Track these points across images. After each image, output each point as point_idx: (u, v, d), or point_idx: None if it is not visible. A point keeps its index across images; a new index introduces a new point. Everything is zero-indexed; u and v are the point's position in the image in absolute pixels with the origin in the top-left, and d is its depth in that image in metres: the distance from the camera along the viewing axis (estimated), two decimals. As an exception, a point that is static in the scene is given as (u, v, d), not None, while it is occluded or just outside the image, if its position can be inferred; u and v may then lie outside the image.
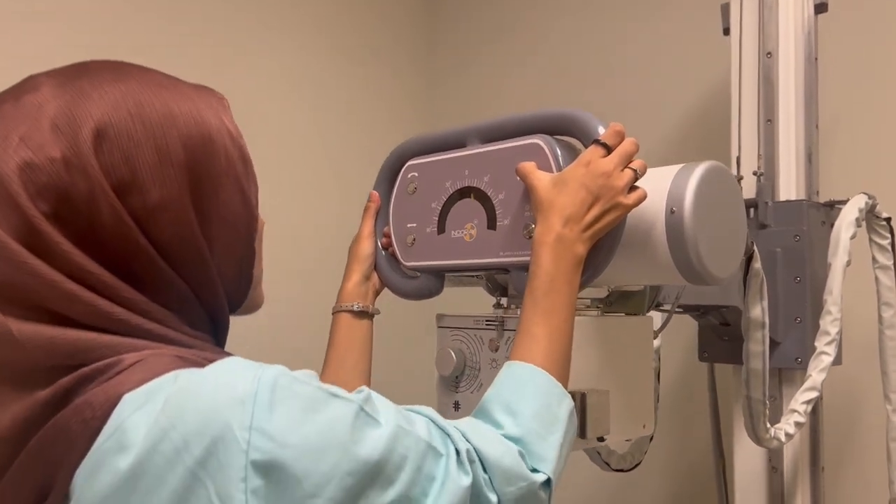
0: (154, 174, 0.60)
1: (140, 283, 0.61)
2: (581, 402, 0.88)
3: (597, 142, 0.82)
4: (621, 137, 0.82)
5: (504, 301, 1.00)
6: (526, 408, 0.71)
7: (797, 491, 1.26)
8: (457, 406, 0.96)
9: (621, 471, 1.21)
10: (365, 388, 0.61)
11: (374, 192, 1.04)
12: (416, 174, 0.98)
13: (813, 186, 1.32)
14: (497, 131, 0.92)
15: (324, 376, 0.98)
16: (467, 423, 0.69)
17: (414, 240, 0.97)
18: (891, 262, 1.28)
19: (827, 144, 1.42)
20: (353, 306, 0.99)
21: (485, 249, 0.90)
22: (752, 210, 1.32)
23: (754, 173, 1.32)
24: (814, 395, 1.15)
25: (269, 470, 0.53)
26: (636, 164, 0.83)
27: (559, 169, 0.85)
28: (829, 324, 1.15)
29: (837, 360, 1.27)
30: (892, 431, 1.26)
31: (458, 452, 0.64)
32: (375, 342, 1.01)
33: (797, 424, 1.13)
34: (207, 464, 0.53)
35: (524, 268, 0.86)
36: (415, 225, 0.97)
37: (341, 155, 1.03)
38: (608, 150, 0.82)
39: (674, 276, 0.86)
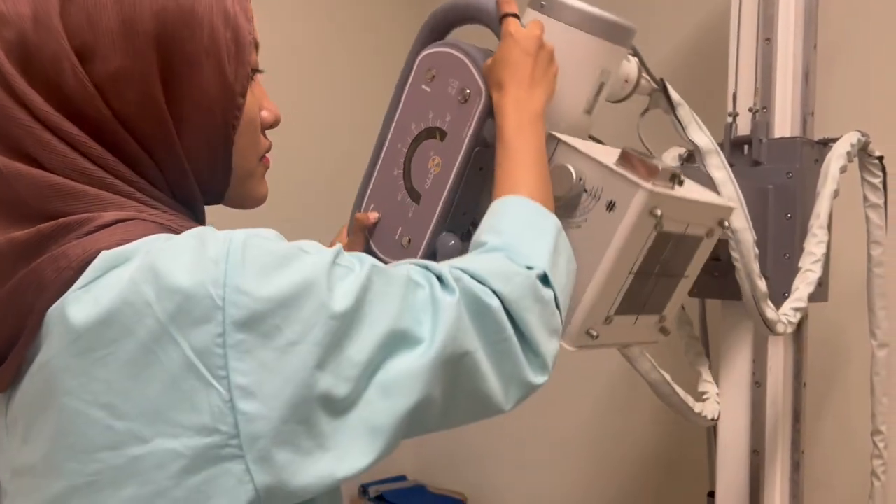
0: (116, 41, 0.58)
1: (112, 151, 0.60)
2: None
3: (507, 15, 0.85)
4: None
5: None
6: (508, 225, 0.73)
7: (778, 407, 1.27)
8: None
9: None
10: (338, 244, 0.62)
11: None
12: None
13: (808, 107, 1.32)
14: (415, 54, 0.94)
15: None
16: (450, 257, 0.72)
17: (409, 240, 0.92)
18: (881, 201, 1.28)
19: (823, 79, 1.41)
20: None
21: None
22: (746, 147, 1.32)
23: (750, 109, 1.32)
24: (801, 304, 1.15)
25: (248, 324, 0.54)
26: None
27: (481, 74, 0.86)
28: (815, 245, 1.15)
29: (823, 297, 1.28)
30: (876, 366, 1.27)
31: (440, 278, 0.65)
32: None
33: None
34: (178, 319, 0.53)
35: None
36: (400, 227, 0.93)
37: (356, 78, 1.04)
38: (518, 17, 0.86)
39: None
